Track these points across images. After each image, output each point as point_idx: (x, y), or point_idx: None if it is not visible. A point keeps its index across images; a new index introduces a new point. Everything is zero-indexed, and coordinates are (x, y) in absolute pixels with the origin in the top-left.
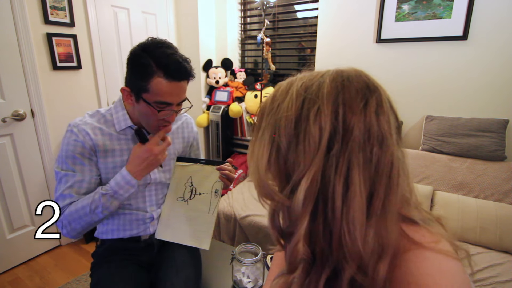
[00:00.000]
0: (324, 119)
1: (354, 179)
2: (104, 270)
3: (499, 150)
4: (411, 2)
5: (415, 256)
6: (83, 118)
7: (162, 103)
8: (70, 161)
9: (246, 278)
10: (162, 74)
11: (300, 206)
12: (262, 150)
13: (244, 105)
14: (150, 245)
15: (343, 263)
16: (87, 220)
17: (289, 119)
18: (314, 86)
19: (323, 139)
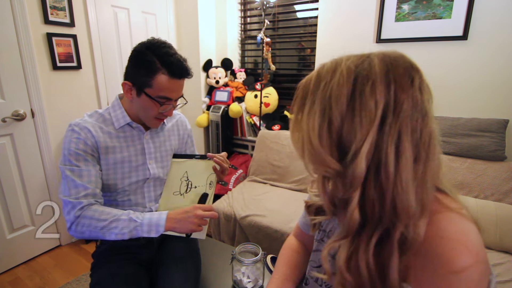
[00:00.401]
0: (379, 93)
1: (404, 146)
2: (104, 270)
3: (499, 150)
4: (411, 2)
5: (446, 217)
6: (82, 118)
7: (164, 98)
8: (73, 158)
9: (246, 278)
10: (165, 71)
11: (362, 172)
12: (312, 123)
13: (244, 105)
14: (150, 241)
15: (395, 222)
16: (97, 233)
17: (342, 94)
18: (365, 64)
19: (378, 111)
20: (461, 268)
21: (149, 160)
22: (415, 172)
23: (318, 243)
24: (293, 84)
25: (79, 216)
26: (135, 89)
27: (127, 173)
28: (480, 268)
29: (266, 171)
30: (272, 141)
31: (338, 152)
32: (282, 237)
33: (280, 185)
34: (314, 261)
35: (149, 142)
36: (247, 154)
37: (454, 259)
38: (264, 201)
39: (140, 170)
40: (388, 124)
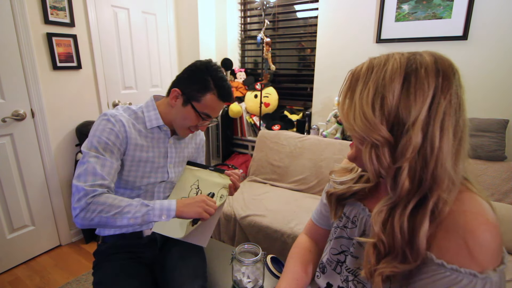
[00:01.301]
0: (431, 78)
1: (448, 124)
2: (106, 268)
3: (499, 150)
4: (411, 2)
5: (468, 196)
6: (117, 111)
7: (206, 115)
8: (101, 146)
9: (246, 278)
10: (216, 92)
11: (418, 143)
12: (366, 98)
13: (244, 105)
14: (153, 241)
15: (432, 191)
16: (108, 219)
17: (396, 76)
18: (416, 56)
19: (430, 92)
20: (482, 237)
21: (169, 163)
22: (453, 148)
23: (341, 230)
24: (293, 84)
25: (90, 202)
26: (183, 98)
27: (148, 173)
28: (498, 239)
29: (266, 171)
30: (272, 141)
31: (387, 125)
32: (282, 237)
33: (280, 185)
34: (335, 248)
35: (172, 146)
36: (247, 154)
37: (475, 229)
38: (264, 201)
39: (159, 172)
40: (436, 104)
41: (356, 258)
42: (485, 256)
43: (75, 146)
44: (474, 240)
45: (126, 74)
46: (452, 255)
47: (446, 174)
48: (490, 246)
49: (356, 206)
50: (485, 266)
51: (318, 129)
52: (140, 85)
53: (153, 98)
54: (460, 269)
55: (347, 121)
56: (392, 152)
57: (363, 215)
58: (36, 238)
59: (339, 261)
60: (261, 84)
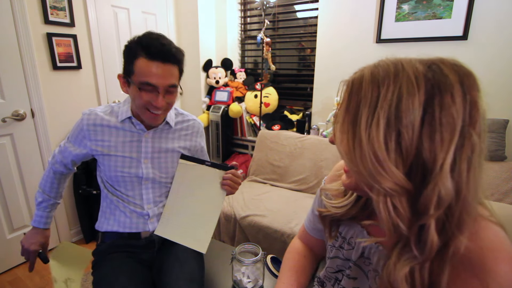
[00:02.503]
0: (458, 105)
1: (475, 162)
2: (105, 267)
3: (499, 150)
4: (411, 2)
5: (483, 227)
6: (92, 108)
7: (146, 84)
8: (71, 133)
9: (246, 278)
10: (143, 54)
11: (450, 192)
12: (377, 135)
13: (244, 105)
14: (151, 242)
15: (455, 237)
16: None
17: (414, 104)
18: (436, 70)
19: (458, 127)
20: (502, 276)
21: (144, 159)
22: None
23: (337, 250)
24: (293, 84)
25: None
26: (125, 80)
27: (120, 167)
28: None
29: (266, 171)
30: (272, 141)
31: (404, 167)
32: (282, 237)
33: (280, 185)
34: (331, 267)
35: (148, 141)
36: (247, 154)
37: (495, 268)
38: (264, 201)
39: (133, 167)
40: (465, 139)
41: (353, 280)
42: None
43: None
44: (494, 281)
45: None
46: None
47: (471, 218)
48: (510, 284)
49: (352, 226)
50: None
51: (318, 129)
52: None
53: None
54: None
55: (350, 160)
56: (412, 202)
57: (361, 237)
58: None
59: (337, 279)
60: (261, 84)
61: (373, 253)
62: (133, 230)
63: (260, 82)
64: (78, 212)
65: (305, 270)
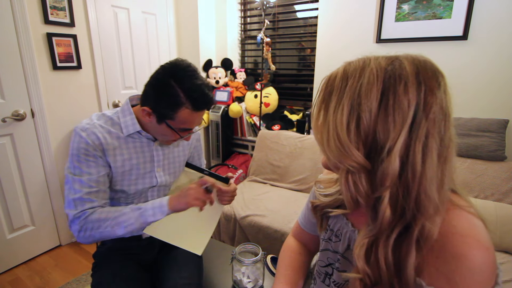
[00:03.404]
0: (411, 94)
1: (431, 146)
2: (105, 270)
3: (499, 150)
4: (411, 2)
5: (456, 214)
6: (90, 121)
7: (185, 130)
8: (75, 159)
9: (246, 278)
10: (190, 105)
11: (396, 170)
12: (340, 118)
13: (244, 105)
14: (151, 244)
15: (416, 219)
16: (107, 231)
17: (373, 92)
18: (395, 65)
19: (410, 112)
20: (473, 261)
21: (157, 168)
22: (437, 172)
23: (326, 243)
24: (293, 84)
25: (84, 224)
26: (155, 116)
27: (134, 181)
28: (491, 261)
29: (266, 171)
30: (272, 141)
31: (365, 148)
32: (282, 237)
33: (280, 185)
34: (322, 260)
35: (158, 149)
36: (247, 154)
37: (466, 253)
38: (264, 201)
39: (147, 177)
40: (418, 124)
41: (343, 273)
42: (477, 282)
43: None
44: (465, 266)
45: (126, 74)
46: (444, 282)
47: (431, 202)
48: (482, 270)
49: (339, 219)
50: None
51: None
52: (140, 85)
53: (129, 101)
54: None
55: (320, 142)
56: (370, 179)
57: (347, 230)
58: (36, 238)
59: (328, 273)
60: (261, 84)
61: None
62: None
63: (260, 82)
64: None
65: (301, 267)
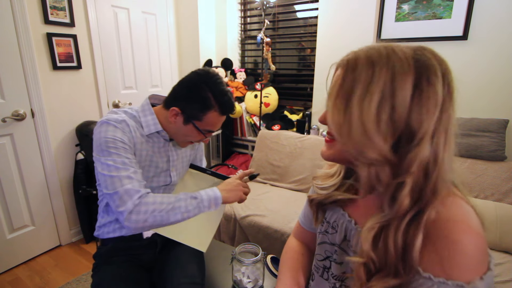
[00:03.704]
0: (440, 83)
1: (450, 133)
2: (105, 271)
3: (499, 150)
4: (411, 2)
5: (451, 201)
6: (119, 116)
7: (209, 131)
8: (111, 146)
9: (246, 278)
10: (218, 109)
11: (426, 157)
12: (368, 109)
13: (244, 105)
14: (153, 242)
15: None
16: (161, 217)
17: (407, 81)
18: (421, 54)
19: (440, 101)
20: (466, 246)
21: (171, 167)
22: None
23: (323, 235)
24: (293, 84)
25: (138, 203)
26: (183, 117)
27: (150, 178)
28: (482, 247)
29: (266, 171)
30: (272, 141)
31: (393, 138)
32: (282, 237)
33: (280, 185)
34: (320, 254)
35: (172, 150)
36: (247, 154)
37: (459, 239)
38: (264, 201)
39: (162, 176)
40: (445, 112)
41: (339, 264)
42: (470, 266)
43: (75, 146)
44: (458, 250)
45: (126, 74)
46: (439, 268)
47: (445, 185)
48: (474, 255)
49: (336, 211)
50: (472, 276)
51: (318, 129)
52: (140, 85)
53: (149, 101)
54: (448, 282)
55: (339, 133)
56: (394, 168)
57: (343, 221)
58: (36, 238)
59: (325, 267)
60: (261, 84)
61: (353, 235)
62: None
63: (260, 82)
64: (78, 212)
65: (304, 268)
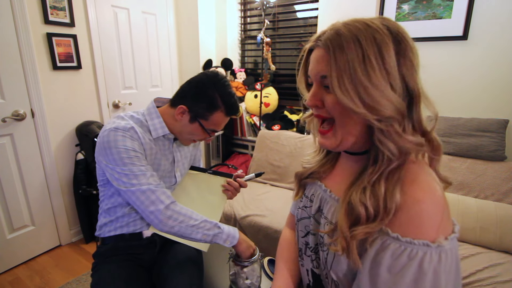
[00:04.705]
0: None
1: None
2: (105, 270)
3: (499, 150)
4: (411, 2)
5: (417, 166)
6: (127, 122)
7: (214, 131)
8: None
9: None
10: (224, 110)
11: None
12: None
13: (244, 105)
14: (152, 242)
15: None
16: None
17: (390, 47)
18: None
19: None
20: (430, 208)
21: (176, 168)
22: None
23: (302, 211)
24: (293, 84)
25: (168, 208)
26: (190, 115)
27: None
28: (445, 209)
29: (266, 171)
30: (272, 141)
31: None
32: None
33: (280, 185)
34: (301, 230)
35: (177, 151)
36: (247, 154)
37: (423, 200)
38: (264, 201)
39: (167, 177)
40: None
41: (313, 235)
42: (435, 224)
43: (75, 146)
44: (423, 210)
45: (126, 74)
46: (405, 228)
47: (415, 145)
48: (438, 214)
49: (314, 184)
50: (436, 235)
51: None
52: (140, 85)
53: (155, 104)
54: (414, 241)
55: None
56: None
57: (319, 192)
58: (36, 238)
59: (307, 243)
60: (261, 84)
61: (326, 203)
62: (137, 229)
63: (260, 82)
64: (78, 212)
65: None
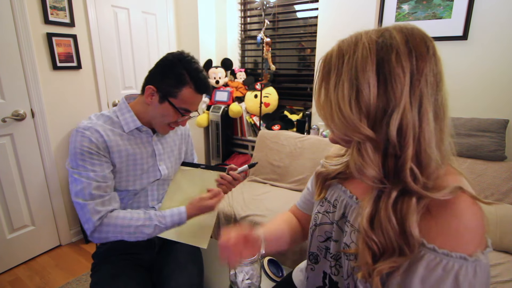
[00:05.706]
0: (404, 61)
1: (426, 107)
2: (104, 270)
3: (499, 150)
4: (411, 2)
5: (453, 179)
6: (90, 121)
7: (185, 110)
8: (79, 158)
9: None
10: (192, 85)
11: (395, 136)
12: (342, 94)
13: (244, 105)
14: (151, 242)
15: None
16: (122, 237)
17: (368, 64)
18: (386, 36)
19: (407, 78)
20: (470, 220)
21: (159, 161)
22: (436, 129)
23: (323, 216)
24: (293, 84)
25: (100, 224)
26: (159, 95)
27: (139, 176)
28: (484, 222)
29: (266, 171)
30: (272, 141)
31: (368, 119)
32: None
33: (280, 185)
34: (320, 235)
35: (157, 143)
36: (247, 154)
37: (463, 212)
38: (264, 201)
39: (150, 171)
40: (415, 88)
41: (336, 242)
42: (473, 239)
43: None
44: (462, 223)
45: (126, 74)
46: (442, 240)
47: (432, 159)
48: (477, 229)
49: (337, 188)
50: (474, 249)
51: (318, 129)
52: (140, 85)
53: (125, 99)
54: (451, 253)
55: (324, 118)
56: (375, 144)
57: (344, 197)
58: (36, 238)
59: (327, 248)
60: (261, 84)
61: (352, 209)
62: None
63: (260, 82)
64: None
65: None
